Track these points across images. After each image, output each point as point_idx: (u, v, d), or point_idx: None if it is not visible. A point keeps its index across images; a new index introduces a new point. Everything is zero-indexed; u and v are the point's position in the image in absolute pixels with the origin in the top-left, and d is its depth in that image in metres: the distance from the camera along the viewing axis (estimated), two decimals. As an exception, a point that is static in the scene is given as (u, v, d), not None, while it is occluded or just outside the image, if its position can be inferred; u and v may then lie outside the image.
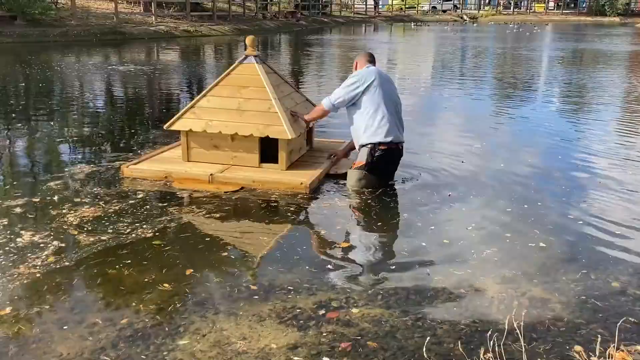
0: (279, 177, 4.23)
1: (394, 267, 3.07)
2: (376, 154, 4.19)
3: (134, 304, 2.61)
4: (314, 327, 2.45)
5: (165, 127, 4.61)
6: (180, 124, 4.53)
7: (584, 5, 54.59)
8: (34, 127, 6.49)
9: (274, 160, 4.41)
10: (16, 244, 3.19)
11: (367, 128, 4.21)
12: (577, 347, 2.33)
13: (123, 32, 20.66)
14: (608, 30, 34.05)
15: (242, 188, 4.16)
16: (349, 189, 4.26)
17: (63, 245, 3.20)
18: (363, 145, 4.26)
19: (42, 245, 3.18)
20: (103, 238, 3.28)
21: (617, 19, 47.16)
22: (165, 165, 4.49)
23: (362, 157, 4.26)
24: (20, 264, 2.95)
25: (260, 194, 4.10)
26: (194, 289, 2.76)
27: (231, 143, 4.45)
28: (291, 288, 2.78)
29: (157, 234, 3.39)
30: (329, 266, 3.05)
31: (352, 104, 4.30)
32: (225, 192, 4.10)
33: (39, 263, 2.97)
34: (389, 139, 4.18)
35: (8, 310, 2.54)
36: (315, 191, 4.20)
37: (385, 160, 4.23)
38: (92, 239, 3.27)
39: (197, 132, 4.46)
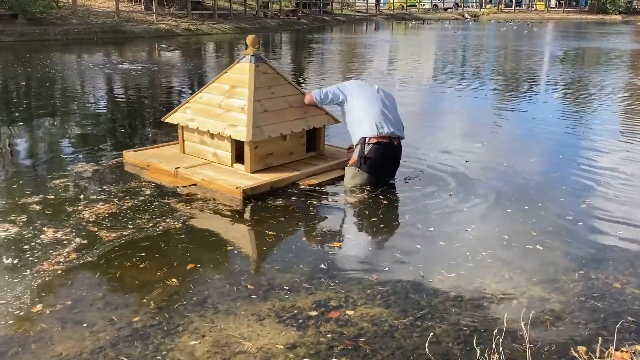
0: (224, 179, 4.17)
1: (393, 266, 3.07)
2: (367, 149, 4.21)
3: (135, 302, 2.62)
4: (313, 326, 2.45)
5: (162, 119, 4.96)
6: (173, 118, 4.77)
7: (585, 3, 54.47)
8: (37, 125, 6.49)
9: None
10: (42, 241, 3.23)
11: (356, 127, 4.35)
12: (577, 347, 2.33)
13: (124, 30, 20.66)
14: (610, 28, 33.96)
15: (194, 184, 4.23)
16: (345, 188, 4.27)
17: (85, 242, 3.24)
18: (357, 145, 4.32)
19: (65, 242, 3.23)
20: (125, 233, 3.35)
21: (618, 17, 47.10)
22: (150, 156, 4.69)
23: (355, 154, 4.30)
24: (44, 261, 2.99)
25: (263, 193, 4.10)
26: (194, 288, 2.76)
27: (212, 140, 4.51)
28: (290, 287, 2.78)
29: (164, 230, 3.44)
30: (328, 266, 3.05)
31: (343, 112, 4.47)
32: (175, 186, 4.18)
33: (62, 260, 3.01)
34: (375, 131, 4.21)
35: (38, 307, 2.55)
36: (315, 190, 4.20)
37: (378, 155, 4.22)
38: (113, 234, 3.33)
39: (184, 126, 4.66)
